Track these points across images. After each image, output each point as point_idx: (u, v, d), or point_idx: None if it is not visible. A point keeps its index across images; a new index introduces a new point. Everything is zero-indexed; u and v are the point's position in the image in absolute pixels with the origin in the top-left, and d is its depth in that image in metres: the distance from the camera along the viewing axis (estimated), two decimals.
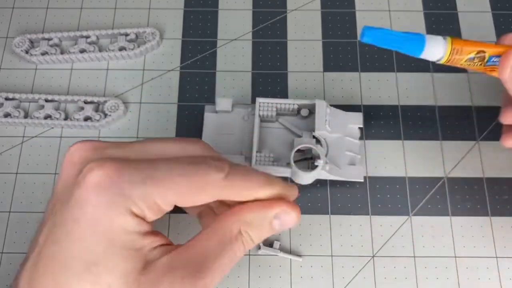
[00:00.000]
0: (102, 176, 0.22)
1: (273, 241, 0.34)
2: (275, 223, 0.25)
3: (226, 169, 0.23)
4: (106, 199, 0.22)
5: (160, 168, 0.23)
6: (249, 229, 0.24)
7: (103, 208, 0.22)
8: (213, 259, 0.23)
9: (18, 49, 0.40)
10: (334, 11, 0.43)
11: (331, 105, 0.38)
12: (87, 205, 0.22)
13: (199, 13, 0.43)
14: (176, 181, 0.22)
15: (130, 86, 0.40)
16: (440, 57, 0.30)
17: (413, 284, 0.34)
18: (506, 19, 0.42)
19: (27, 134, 0.38)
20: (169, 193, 0.22)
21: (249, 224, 0.24)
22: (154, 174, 0.22)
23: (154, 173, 0.22)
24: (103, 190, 0.22)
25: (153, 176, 0.22)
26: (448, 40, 0.30)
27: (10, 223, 0.36)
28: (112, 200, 0.22)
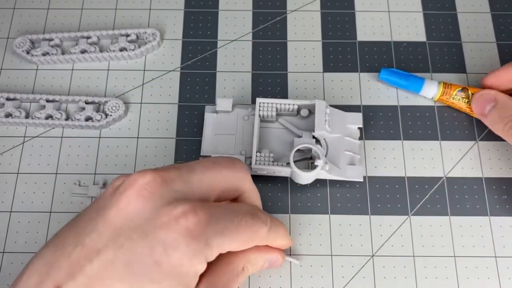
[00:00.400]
0: (196, 224, 0.22)
1: None
2: (266, 263, 0.30)
3: (269, 223, 0.27)
4: (194, 247, 0.22)
5: (232, 218, 0.24)
6: (249, 265, 0.29)
7: (189, 255, 0.22)
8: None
9: (19, 50, 0.40)
10: (334, 12, 0.43)
11: (331, 105, 0.38)
12: (175, 250, 0.22)
13: (199, 13, 0.43)
14: (241, 232, 0.25)
15: (131, 87, 0.40)
16: (434, 95, 0.38)
17: (413, 284, 0.34)
18: (506, 20, 0.42)
19: (28, 134, 0.39)
20: (235, 241, 0.25)
21: (250, 262, 0.28)
22: (229, 225, 0.24)
23: (229, 224, 0.24)
24: (194, 238, 0.22)
25: (229, 228, 0.24)
26: (441, 84, 0.38)
27: (11, 223, 0.36)
28: (198, 249, 0.22)
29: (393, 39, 0.42)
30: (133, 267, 0.21)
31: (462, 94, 0.37)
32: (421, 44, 0.41)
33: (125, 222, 0.22)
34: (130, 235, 0.21)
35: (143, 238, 0.21)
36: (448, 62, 0.41)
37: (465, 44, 0.41)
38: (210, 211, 0.23)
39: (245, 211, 0.26)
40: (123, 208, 0.22)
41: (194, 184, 0.25)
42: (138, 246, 0.21)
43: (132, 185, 0.23)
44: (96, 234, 0.22)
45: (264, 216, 0.27)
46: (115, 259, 0.21)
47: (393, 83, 0.39)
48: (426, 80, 0.38)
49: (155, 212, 0.22)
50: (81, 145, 0.38)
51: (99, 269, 0.21)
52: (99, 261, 0.21)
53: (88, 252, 0.21)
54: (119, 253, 0.21)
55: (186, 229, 0.22)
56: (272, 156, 0.35)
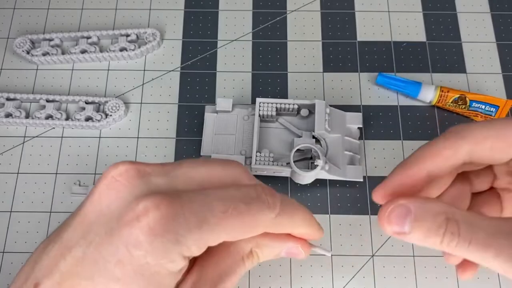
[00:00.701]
0: (158, 220, 0.20)
1: None
2: (283, 252, 0.26)
3: (278, 208, 0.23)
4: (160, 246, 0.20)
5: (214, 208, 0.21)
6: (260, 250, 0.25)
7: (155, 255, 0.20)
8: (228, 278, 0.24)
9: (19, 50, 0.40)
10: (334, 12, 0.43)
11: (331, 105, 0.38)
12: (137, 249, 0.20)
13: (199, 14, 0.43)
14: (230, 223, 0.21)
15: (131, 87, 0.40)
16: (431, 100, 0.38)
17: (413, 283, 0.34)
18: (505, 20, 0.42)
19: (28, 134, 0.39)
20: (222, 234, 0.22)
21: (260, 247, 0.25)
22: (209, 218, 0.21)
23: (209, 216, 0.21)
24: (158, 236, 0.20)
25: (208, 220, 0.21)
26: (438, 87, 0.38)
27: (11, 223, 0.36)
28: (166, 248, 0.20)
29: (393, 39, 0.42)
30: (99, 265, 0.20)
31: (459, 102, 0.37)
32: (421, 44, 0.41)
33: (97, 216, 0.21)
34: (99, 231, 0.21)
35: (109, 235, 0.20)
36: (448, 62, 0.41)
37: (465, 44, 0.41)
38: (182, 204, 0.21)
39: (238, 197, 0.22)
40: (95, 201, 0.21)
41: (179, 179, 0.23)
42: (104, 244, 0.20)
43: (105, 176, 0.22)
44: (72, 230, 0.21)
45: (271, 199, 0.23)
46: (84, 257, 0.20)
47: (390, 87, 0.39)
48: (423, 84, 0.38)
49: (124, 206, 0.21)
50: (81, 145, 0.38)
51: (71, 266, 0.21)
52: (70, 257, 0.21)
53: (63, 248, 0.21)
54: (87, 250, 0.20)
55: (147, 226, 0.20)
56: (272, 156, 0.35)
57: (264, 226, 0.23)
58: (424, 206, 0.24)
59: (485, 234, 0.22)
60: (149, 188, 0.21)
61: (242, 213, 0.22)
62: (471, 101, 0.38)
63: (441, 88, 0.38)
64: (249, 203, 0.22)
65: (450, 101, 0.38)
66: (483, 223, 0.23)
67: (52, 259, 0.21)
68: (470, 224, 0.23)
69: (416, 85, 0.38)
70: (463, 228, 0.23)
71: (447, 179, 0.29)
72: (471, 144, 0.25)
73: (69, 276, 0.21)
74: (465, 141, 0.25)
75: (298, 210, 0.25)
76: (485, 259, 0.23)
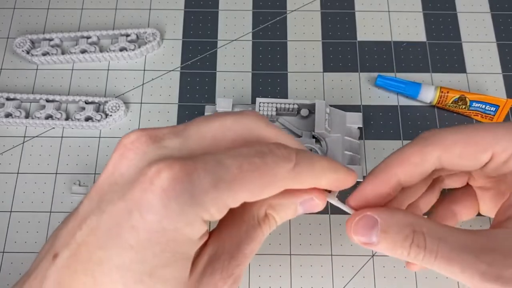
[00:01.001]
0: (172, 182, 0.19)
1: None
2: (299, 208, 0.24)
3: (293, 159, 0.22)
4: (176, 209, 0.19)
5: (228, 165, 0.20)
6: (275, 212, 0.24)
7: (170, 219, 0.19)
8: (245, 245, 0.23)
9: (19, 50, 0.40)
10: (334, 12, 0.43)
11: (331, 105, 0.38)
12: (151, 213, 0.19)
13: (199, 13, 0.43)
14: (247, 179, 0.20)
15: (131, 86, 0.40)
16: (431, 100, 0.38)
17: (413, 283, 0.34)
18: (505, 20, 0.42)
19: (28, 134, 0.39)
20: (240, 193, 0.20)
21: (274, 208, 0.24)
22: (224, 175, 0.20)
23: (224, 174, 0.20)
24: (172, 198, 0.19)
25: (224, 178, 0.20)
26: (438, 88, 0.38)
27: (11, 223, 0.36)
28: (182, 210, 0.19)
29: (393, 39, 0.42)
30: (113, 233, 0.20)
31: (459, 102, 0.37)
32: (421, 44, 0.41)
33: (110, 185, 0.21)
34: (112, 199, 0.20)
35: (122, 202, 0.20)
36: (448, 62, 0.41)
37: (465, 44, 0.41)
38: (195, 164, 0.20)
39: (251, 153, 0.21)
40: (109, 171, 0.21)
41: (192, 138, 0.22)
42: (117, 211, 0.20)
43: (118, 147, 0.21)
44: (87, 201, 0.21)
45: (285, 151, 0.22)
46: (98, 226, 0.20)
47: (390, 88, 0.39)
48: (423, 85, 0.38)
49: (136, 173, 0.20)
50: (81, 145, 0.38)
51: (86, 236, 0.20)
52: (85, 227, 0.20)
53: (79, 219, 0.21)
54: (101, 219, 0.20)
55: (160, 189, 0.19)
56: None
57: (283, 179, 0.21)
58: (391, 218, 0.23)
59: (451, 248, 0.22)
60: (162, 153, 0.21)
61: (258, 167, 0.21)
62: (471, 101, 0.38)
63: (441, 88, 0.38)
64: (263, 157, 0.21)
65: (450, 101, 0.38)
66: (450, 237, 0.23)
67: (69, 230, 0.21)
68: (436, 237, 0.23)
69: (415, 86, 0.38)
70: (429, 241, 0.23)
71: (421, 185, 0.28)
72: (439, 151, 0.24)
73: (85, 246, 0.20)
74: (433, 148, 0.25)
75: (317, 158, 0.23)
76: (452, 273, 0.23)
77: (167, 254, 0.20)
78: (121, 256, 0.20)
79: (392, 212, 0.24)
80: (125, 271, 0.20)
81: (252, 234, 0.23)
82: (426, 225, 0.23)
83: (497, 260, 0.21)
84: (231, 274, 0.22)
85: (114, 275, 0.20)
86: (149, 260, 0.20)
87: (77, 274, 0.20)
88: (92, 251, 0.20)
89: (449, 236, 0.23)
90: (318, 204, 0.24)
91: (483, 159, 0.24)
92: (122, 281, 0.20)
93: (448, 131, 0.25)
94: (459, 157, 0.25)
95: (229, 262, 0.22)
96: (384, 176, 0.25)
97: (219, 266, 0.22)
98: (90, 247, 0.20)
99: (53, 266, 0.21)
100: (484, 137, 0.24)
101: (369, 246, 0.24)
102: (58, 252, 0.21)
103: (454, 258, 0.22)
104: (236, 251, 0.23)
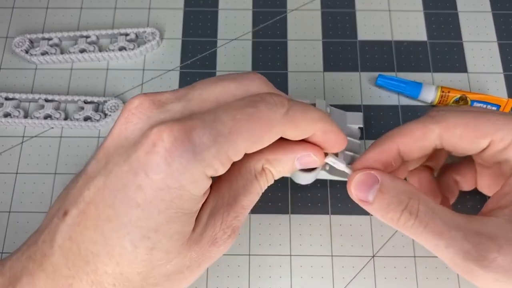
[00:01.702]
0: (173, 142, 0.20)
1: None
2: (296, 163, 0.25)
3: (286, 105, 0.23)
4: (179, 168, 0.20)
5: (223, 119, 0.21)
6: (272, 167, 0.25)
7: (175, 177, 0.21)
8: (243, 197, 0.24)
9: (18, 49, 0.40)
10: (334, 11, 0.43)
11: (331, 105, 0.38)
12: (156, 173, 0.20)
13: (199, 13, 0.43)
14: (243, 128, 0.21)
15: (130, 86, 0.40)
16: (432, 100, 0.38)
17: (413, 284, 0.34)
18: (506, 19, 0.42)
19: (27, 134, 0.38)
20: (239, 142, 0.21)
21: (271, 162, 0.25)
22: (221, 128, 0.21)
23: (221, 127, 0.21)
24: (175, 157, 0.20)
25: (221, 131, 0.21)
26: (439, 88, 0.38)
27: (10, 223, 0.36)
28: (185, 168, 0.21)
29: (393, 38, 0.42)
30: (120, 192, 0.21)
31: (460, 102, 0.37)
32: (422, 44, 0.41)
33: (116, 148, 0.22)
34: (118, 161, 0.21)
35: (128, 163, 0.21)
36: (449, 61, 0.41)
37: (466, 43, 0.41)
38: (193, 124, 0.21)
39: (244, 103, 0.22)
40: (115, 135, 0.22)
41: (193, 101, 0.23)
42: (123, 172, 0.21)
43: (122, 112, 0.23)
44: (95, 162, 0.23)
45: (276, 98, 0.23)
46: (105, 185, 0.21)
47: (390, 88, 0.39)
48: (424, 85, 0.38)
49: (140, 136, 0.21)
50: (80, 145, 0.38)
51: (94, 195, 0.22)
52: (93, 187, 0.22)
53: (87, 179, 0.22)
54: (107, 179, 0.21)
55: (163, 149, 0.20)
56: None
57: (277, 124, 0.22)
58: (391, 181, 0.25)
59: (441, 222, 0.23)
60: (164, 117, 0.22)
61: (251, 115, 0.22)
62: (472, 101, 0.37)
63: (442, 88, 0.38)
64: (255, 106, 0.22)
65: (451, 101, 0.37)
66: (442, 213, 0.24)
67: (78, 189, 0.22)
68: (430, 209, 0.24)
69: (416, 85, 0.38)
70: (422, 211, 0.24)
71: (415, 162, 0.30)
72: (441, 128, 0.25)
73: (93, 204, 0.22)
74: (436, 125, 0.25)
75: (310, 107, 0.24)
76: (437, 246, 0.23)
77: (172, 211, 0.21)
78: (128, 214, 0.21)
79: (393, 178, 0.25)
80: (132, 228, 0.21)
81: (249, 187, 0.24)
82: (422, 198, 0.24)
83: (483, 243, 0.22)
84: (230, 225, 0.24)
85: (121, 232, 0.21)
86: (155, 217, 0.21)
87: (87, 230, 0.22)
88: (100, 209, 0.21)
89: (442, 212, 0.24)
90: (315, 161, 0.26)
91: (481, 144, 0.25)
92: (129, 237, 0.21)
93: (453, 113, 0.26)
94: (459, 139, 0.25)
95: (228, 214, 0.24)
96: (387, 146, 0.26)
97: (219, 217, 0.23)
98: (98, 206, 0.21)
99: (64, 222, 0.22)
100: (485, 123, 0.24)
101: (365, 204, 0.25)
102: (67, 210, 0.22)
103: (443, 232, 0.23)
104: (234, 204, 0.24)
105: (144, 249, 0.21)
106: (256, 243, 0.35)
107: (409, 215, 0.24)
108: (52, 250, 0.22)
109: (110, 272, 0.22)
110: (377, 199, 0.25)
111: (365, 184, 0.25)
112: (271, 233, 0.35)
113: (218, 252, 0.24)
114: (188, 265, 0.23)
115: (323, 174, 0.35)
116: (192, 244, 0.23)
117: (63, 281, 0.22)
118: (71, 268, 0.22)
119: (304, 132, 0.24)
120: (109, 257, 0.21)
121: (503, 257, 0.22)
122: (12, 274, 0.23)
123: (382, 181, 0.25)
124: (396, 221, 0.24)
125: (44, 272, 0.22)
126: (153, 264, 0.22)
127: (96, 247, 0.22)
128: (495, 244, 0.22)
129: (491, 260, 0.22)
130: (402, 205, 0.24)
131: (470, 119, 0.25)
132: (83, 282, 0.22)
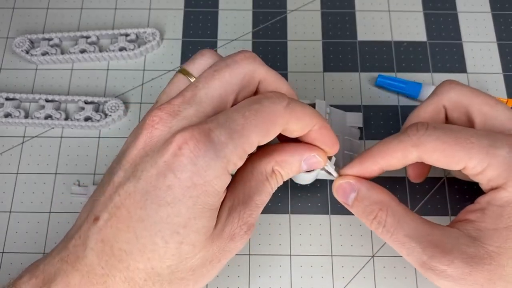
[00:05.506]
0: (196, 145, 0.23)
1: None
2: (303, 165, 0.28)
3: (286, 98, 0.26)
4: (204, 166, 0.23)
5: (235, 117, 0.24)
6: (280, 168, 0.28)
7: (200, 174, 0.23)
8: (256, 196, 0.27)
9: (19, 49, 0.40)
10: (334, 11, 0.43)
11: (331, 105, 0.38)
12: (184, 172, 0.23)
13: (199, 13, 0.43)
14: (253, 123, 0.24)
15: (131, 86, 0.40)
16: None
17: (413, 284, 0.34)
18: (506, 19, 0.42)
19: (27, 134, 0.38)
20: (252, 136, 0.24)
21: (280, 164, 0.28)
22: (235, 126, 0.24)
23: (234, 125, 0.24)
24: (199, 157, 0.23)
25: (235, 129, 0.24)
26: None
27: (10, 223, 0.36)
28: (209, 165, 0.23)
29: (393, 38, 0.42)
30: (150, 194, 0.23)
31: None
32: (421, 44, 0.41)
33: (142, 158, 0.24)
34: (146, 167, 0.24)
35: (156, 168, 0.23)
36: (449, 62, 0.41)
37: (466, 43, 0.41)
38: (210, 127, 0.24)
39: (250, 102, 0.25)
40: (140, 147, 0.25)
41: (203, 102, 0.25)
42: (152, 176, 0.23)
43: (144, 126, 0.25)
44: (122, 171, 0.25)
45: (277, 93, 0.26)
46: (135, 190, 0.24)
47: (390, 88, 0.39)
48: (424, 85, 0.38)
49: (164, 143, 0.24)
50: (80, 145, 0.38)
51: (124, 200, 0.24)
52: (123, 192, 0.24)
53: (116, 186, 0.24)
54: (138, 184, 0.24)
55: (188, 152, 0.23)
56: None
57: (281, 116, 0.25)
58: (367, 192, 0.29)
59: (404, 234, 0.27)
60: (183, 124, 0.24)
61: (257, 110, 0.25)
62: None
63: None
64: (259, 102, 0.25)
65: None
66: (408, 224, 0.27)
67: (107, 196, 0.25)
68: (396, 220, 0.28)
69: (416, 86, 0.38)
70: (389, 222, 0.28)
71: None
72: (419, 152, 0.28)
73: (124, 208, 0.24)
74: (414, 148, 0.28)
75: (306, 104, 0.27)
76: (401, 253, 0.28)
77: (199, 207, 0.24)
78: (159, 213, 0.23)
79: (370, 188, 0.29)
80: (163, 225, 0.23)
81: (261, 187, 0.27)
82: (392, 208, 0.28)
83: (437, 256, 0.26)
84: (246, 222, 0.26)
85: (153, 230, 0.23)
86: (183, 213, 0.23)
87: (119, 231, 0.24)
88: (132, 211, 0.23)
89: (408, 223, 0.27)
90: (319, 162, 0.29)
91: (456, 167, 0.27)
92: (160, 234, 0.23)
93: (430, 137, 0.28)
94: (437, 162, 0.28)
95: (244, 212, 0.26)
96: (369, 163, 0.29)
97: (236, 215, 0.26)
98: (130, 208, 0.24)
99: (95, 227, 0.24)
100: (460, 151, 0.27)
101: (346, 206, 0.30)
102: (98, 216, 0.24)
103: (404, 243, 0.27)
104: (249, 202, 0.26)
105: (174, 244, 0.24)
106: (256, 243, 0.35)
107: (378, 224, 0.28)
108: (85, 253, 0.24)
109: (142, 268, 0.24)
110: (354, 205, 0.29)
111: (344, 191, 0.29)
112: (271, 233, 0.35)
113: (236, 247, 0.26)
114: (210, 260, 0.25)
115: (323, 174, 0.35)
116: (215, 239, 0.25)
117: (97, 279, 0.24)
118: (104, 267, 0.24)
119: (304, 124, 0.27)
120: (141, 253, 0.24)
121: (452, 269, 0.26)
122: (46, 275, 0.25)
123: (359, 190, 0.29)
124: (369, 226, 0.29)
125: (78, 272, 0.24)
126: (181, 257, 0.24)
127: (128, 246, 0.24)
128: (447, 258, 0.26)
129: (442, 271, 0.26)
130: (372, 214, 0.28)
131: (446, 146, 0.27)
132: (116, 279, 0.24)
